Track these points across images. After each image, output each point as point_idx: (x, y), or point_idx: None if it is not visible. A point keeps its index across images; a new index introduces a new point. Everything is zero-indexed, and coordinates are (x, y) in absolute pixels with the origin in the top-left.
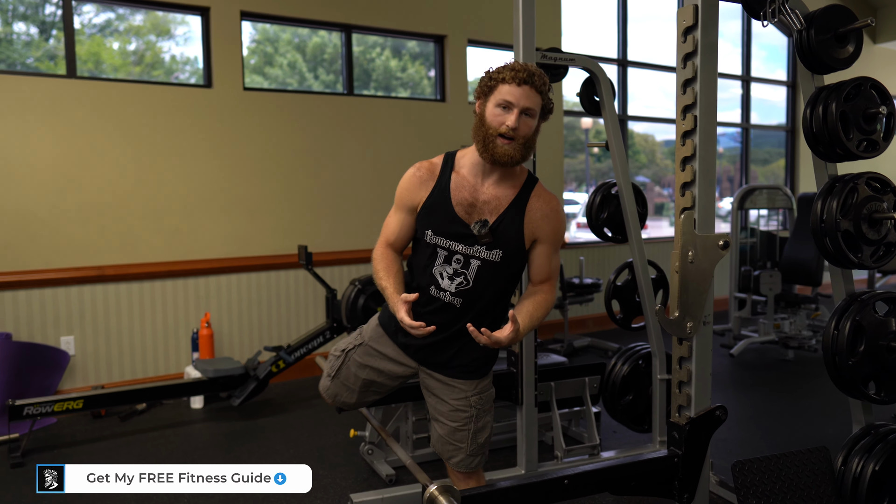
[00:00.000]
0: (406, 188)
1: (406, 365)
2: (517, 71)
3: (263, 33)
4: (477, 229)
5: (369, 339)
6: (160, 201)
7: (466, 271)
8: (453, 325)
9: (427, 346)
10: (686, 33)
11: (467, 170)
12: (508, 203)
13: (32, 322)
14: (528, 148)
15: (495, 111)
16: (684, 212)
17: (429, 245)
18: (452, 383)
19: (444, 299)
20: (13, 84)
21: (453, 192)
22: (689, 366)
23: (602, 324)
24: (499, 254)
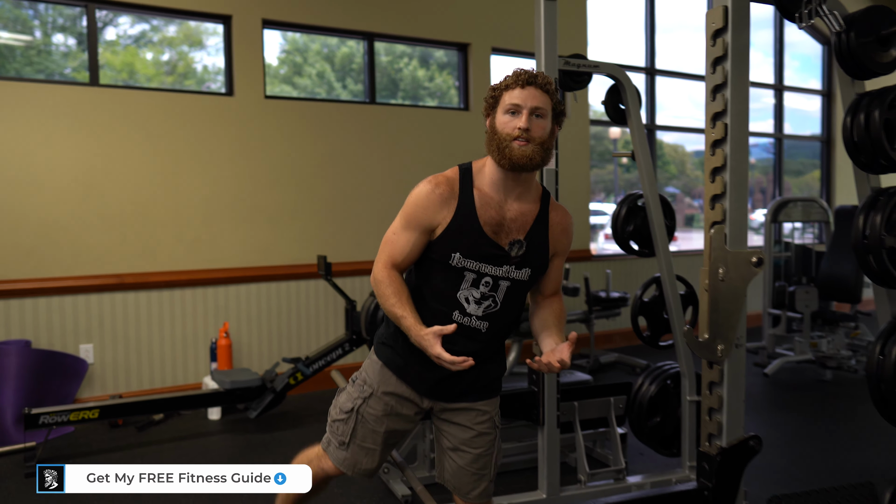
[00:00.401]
0: (424, 206)
1: (418, 401)
2: (519, 75)
3: (293, 43)
4: (515, 250)
5: (379, 385)
6: (181, 209)
7: (495, 293)
8: (477, 351)
9: (447, 377)
10: (715, 36)
11: (489, 186)
12: (534, 219)
13: (52, 329)
14: (547, 150)
15: (504, 118)
16: (714, 226)
17: (454, 269)
18: (475, 407)
19: (470, 325)
20: (37, 92)
21: (480, 212)
22: (720, 391)
23: (630, 339)
24: (528, 272)
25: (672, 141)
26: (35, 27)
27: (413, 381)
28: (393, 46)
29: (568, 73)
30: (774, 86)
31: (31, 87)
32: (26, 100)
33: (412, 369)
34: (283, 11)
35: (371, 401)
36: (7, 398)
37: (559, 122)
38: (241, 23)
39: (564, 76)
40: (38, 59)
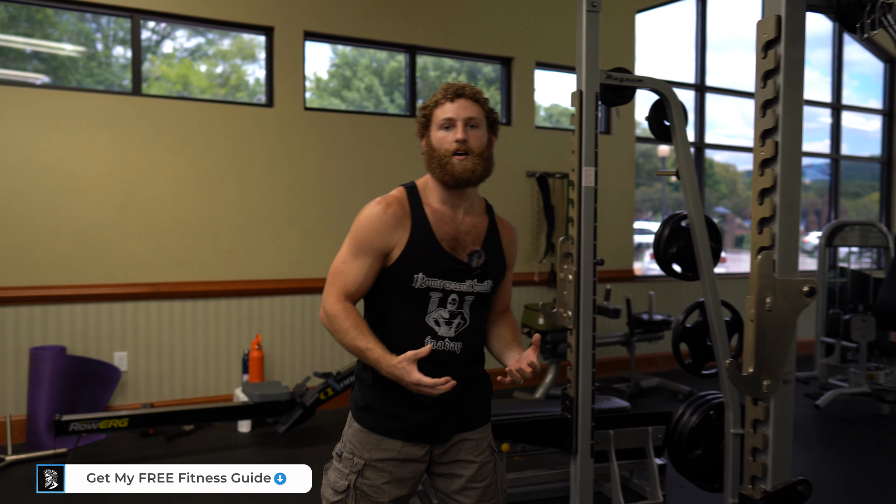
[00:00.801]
0: (377, 229)
1: (424, 455)
2: (446, 89)
3: (343, 57)
4: (474, 260)
5: (370, 453)
6: (217, 220)
7: (463, 310)
8: (460, 375)
9: (440, 411)
10: (767, 48)
11: (438, 202)
12: (486, 230)
13: (87, 336)
14: (487, 160)
15: (440, 134)
16: (762, 251)
17: (419, 291)
18: (471, 437)
19: (444, 348)
20: (81, 100)
21: (436, 227)
22: (766, 430)
23: (672, 363)
24: (489, 284)
25: (723, 160)
26: (97, 40)
27: (406, 433)
28: (441, 61)
29: (610, 87)
30: (832, 104)
31: (75, 95)
32: (70, 108)
33: (401, 421)
34: (326, 23)
35: (367, 472)
36: (41, 403)
37: (494, 131)
38: (283, 34)
39: (606, 90)
40: (99, 70)
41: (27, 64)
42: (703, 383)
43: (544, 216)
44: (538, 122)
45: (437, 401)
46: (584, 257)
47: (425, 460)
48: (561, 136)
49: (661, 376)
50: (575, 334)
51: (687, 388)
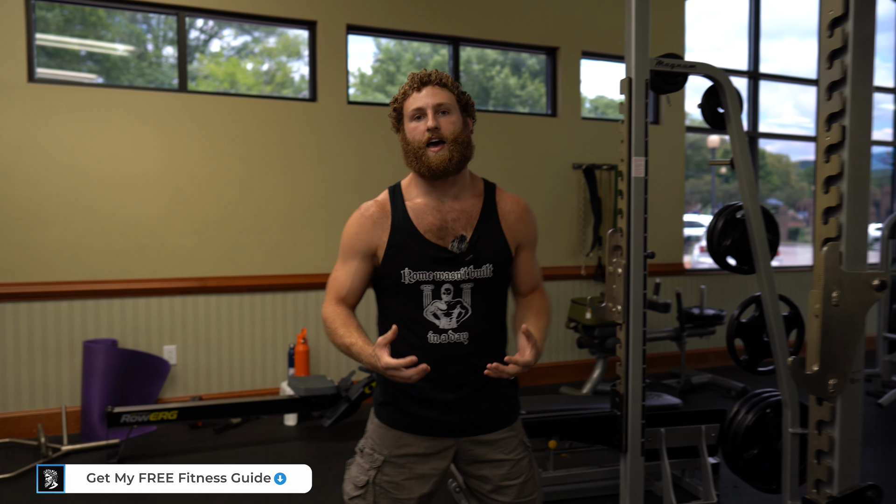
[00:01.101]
0: (356, 231)
1: (445, 450)
2: (412, 79)
3: (386, 52)
4: (455, 246)
5: (390, 449)
6: (263, 214)
7: (461, 298)
8: (472, 369)
9: (454, 408)
10: (833, 26)
11: (421, 196)
12: (479, 213)
13: (138, 330)
14: (465, 146)
15: (412, 125)
16: (827, 243)
17: (410, 286)
18: (500, 436)
19: (450, 340)
20: (128, 98)
21: (416, 220)
22: (832, 432)
23: (724, 359)
24: (490, 268)
25: (776, 150)
26: (147, 41)
27: (425, 429)
28: (485, 54)
29: (661, 73)
30: (894, 90)
31: (123, 93)
32: (118, 106)
33: (418, 417)
34: (368, 16)
35: (386, 468)
36: (94, 395)
37: (470, 113)
38: (326, 28)
39: (657, 77)
40: (150, 70)
41: (82, 65)
42: (756, 380)
43: (591, 209)
44: (584, 114)
45: (450, 396)
46: (633, 250)
47: (447, 457)
48: (608, 128)
49: (713, 372)
50: (624, 329)
51: (740, 385)
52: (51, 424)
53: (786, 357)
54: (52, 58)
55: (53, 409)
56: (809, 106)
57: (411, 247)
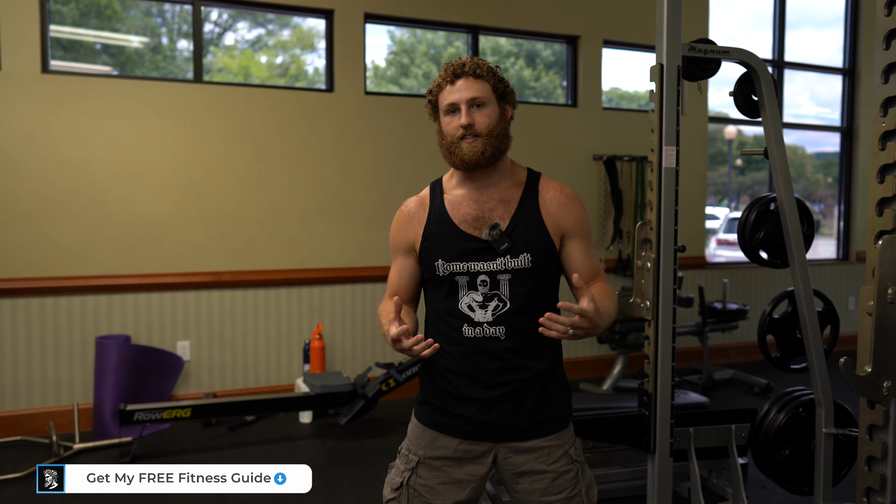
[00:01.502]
0: (397, 228)
1: (483, 455)
2: (446, 70)
3: (400, 44)
4: (488, 233)
5: (425, 450)
6: (278, 208)
7: (498, 290)
8: (511, 366)
9: (496, 407)
10: (892, 3)
11: (459, 188)
12: (518, 201)
13: (151, 325)
14: (500, 138)
15: (446, 120)
16: (882, 236)
17: (444, 278)
18: (544, 444)
19: (485, 334)
20: (141, 89)
21: (451, 212)
22: (885, 437)
23: (746, 354)
24: (528, 258)
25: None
26: (162, 34)
27: (462, 430)
28: (499, 46)
29: (693, 60)
30: None
31: (137, 84)
32: (132, 97)
33: (455, 416)
34: (386, 4)
35: (420, 470)
36: (107, 392)
37: (509, 101)
38: (344, 17)
39: (689, 63)
40: (164, 63)
41: (97, 59)
42: (781, 376)
43: (612, 201)
44: (605, 105)
45: (488, 393)
46: (664, 243)
47: (485, 463)
48: (630, 118)
49: (735, 368)
50: (654, 326)
51: (764, 381)
52: (63, 422)
53: (820, 354)
54: (68, 51)
55: (66, 407)
56: (825, 97)
57: (444, 238)
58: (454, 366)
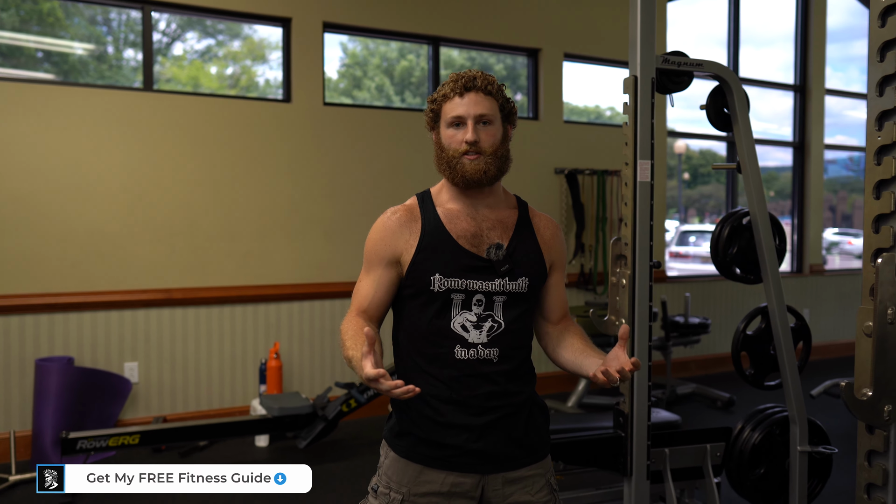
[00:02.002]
0: (381, 236)
1: (472, 489)
2: (456, 81)
3: (353, 57)
4: (493, 253)
5: (408, 486)
6: (233, 222)
7: (493, 311)
8: (503, 390)
9: (487, 434)
10: (885, 15)
11: (453, 202)
12: (514, 223)
13: (96, 346)
14: (503, 160)
15: (449, 133)
16: (880, 254)
17: (439, 294)
18: (529, 473)
19: (479, 356)
20: (87, 97)
21: (449, 225)
22: (885, 464)
23: (707, 367)
24: (525, 282)
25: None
26: (108, 43)
27: (450, 462)
28: (451, 59)
29: (666, 72)
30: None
31: (83, 91)
32: (78, 105)
33: (443, 447)
34: (346, 14)
35: None
36: (46, 419)
37: (512, 121)
38: (301, 26)
39: (662, 76)
40: (110, 73)
41: (38, 67)
42: (742, 390)
43: (573, 215)
44: (567, 117)
45: (478, 420)
46: (639, 260)
47: (475, 496)
48: (591, 132)
49: (697, 381)
50: (629, 345)
51: (726, 395)
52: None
53: (794, 371)
54: (7, 58)
55: (1, 435)
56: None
57: (443, 252)
58: (440, 391)
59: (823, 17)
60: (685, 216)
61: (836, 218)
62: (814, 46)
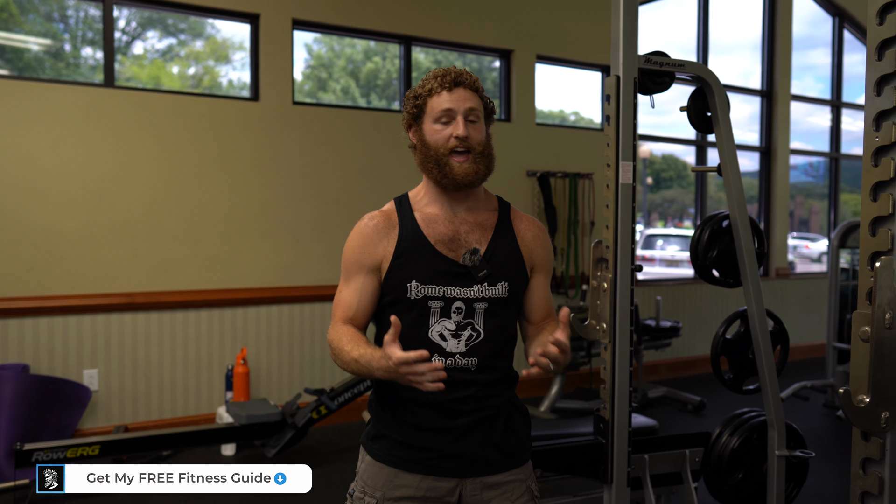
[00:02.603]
0: (360, 243)
1: (449, 494)
2: (442, 76)
3: (318, 59)
4: (468, 258)
5: (382, 490)
6: (198, 223)
7: (472, 319)
8: (481, 394)
9: (465, 437)
10: (884, 13)
11: (432, 206)
12: (493, 226)
13: (53, 353)
14: (490, 158)
15: (435, 128)
16: (878, 258)
17: (415, 302)
18: (509, 479)
19: (456, 365)
20: (47, 92)
21: (426, 230)
22: (881, 472)
23: (676, 370)
24: (505, 287)
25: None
26: (65, 40)
27: (426, 465)
28: (418, 62)
29: (648, 73)
30: (831, 102)
31: (40, 87)
32: (34, 102)
33: (419, 450)
34: (315, 11)
35: None
36: (0, 429)
37: (491, 121)
38: (270, 22)
39: (643, 76)
40: (67, 71)
41: None
42: (712, 393)
43: (545, 218)
44: (539, 120)
45: (456, 423)
46: (621, 263)
47: (451, 501)
48: (563, 134)
49: (667, 384)
50: (610, 350)
51: (697, 399)
52: None
53: (773, 376)
54: None
55: None
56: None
57: (420, 258)
58: (417, 394)
59: (789, 24)
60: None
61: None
62: (780, 53)
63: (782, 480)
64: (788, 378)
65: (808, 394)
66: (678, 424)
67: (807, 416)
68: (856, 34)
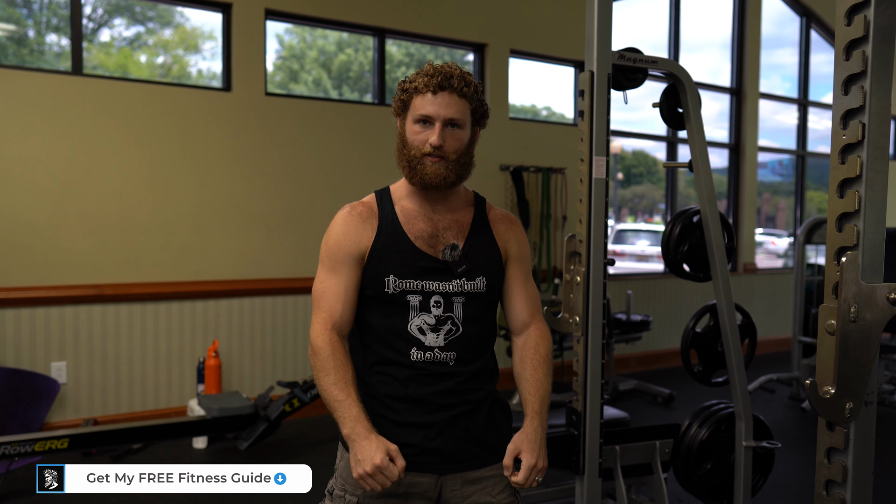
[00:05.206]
0: (344, 232)
1: (429, 490)
2: (431, 76)
3: (290, 50)
4: (448, 254)
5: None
6: (168, 214)
7: (452, 314)
8: (458, 389)
9: (445, 432)
10: (851, 14)
11: (410, 200)
12: (470, 222)
13: (20, 345)
14: (464, 166)
15: (415, 129)
16: (844, 252)
17: (394, 296)
18: (489, 474)
19: (435, 359)
20: (12, 79)
21: (406, 225)
22: (845, 461)
23: (646, 363)
24: (483, 281)
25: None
26: (29, 26)
27: (409, 461)
28: (391, 55)
29: (621, 69)
30: (798, 100)
31: (5, 73)
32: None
33: (400, 443)
34: (289, 1)
35: None
36: None
37: (482, 123)
38: (242, 12)
39: (617, 72)
40: (31, 58)
41: None
42: (682, 386)
43: (518, 212)
44: (512, 115)
45: (435, 418)
46: (594, 257)
47: (432, 496)
48: (536, 129)
49: (637, 377)
50: (583, 343)
51: (666, 391)
52: None
53: (741, 369)
54: None
55: None
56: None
57: (398, 252)
58: (396, 390)
59: (758, 23)
60: (619, 215)
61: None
62: (749, 52)
63: (749, 470)
64: (755, 371)
65: (774, 386)
66: (648, 416)
67: (773, 408)
68: (822, 34)
